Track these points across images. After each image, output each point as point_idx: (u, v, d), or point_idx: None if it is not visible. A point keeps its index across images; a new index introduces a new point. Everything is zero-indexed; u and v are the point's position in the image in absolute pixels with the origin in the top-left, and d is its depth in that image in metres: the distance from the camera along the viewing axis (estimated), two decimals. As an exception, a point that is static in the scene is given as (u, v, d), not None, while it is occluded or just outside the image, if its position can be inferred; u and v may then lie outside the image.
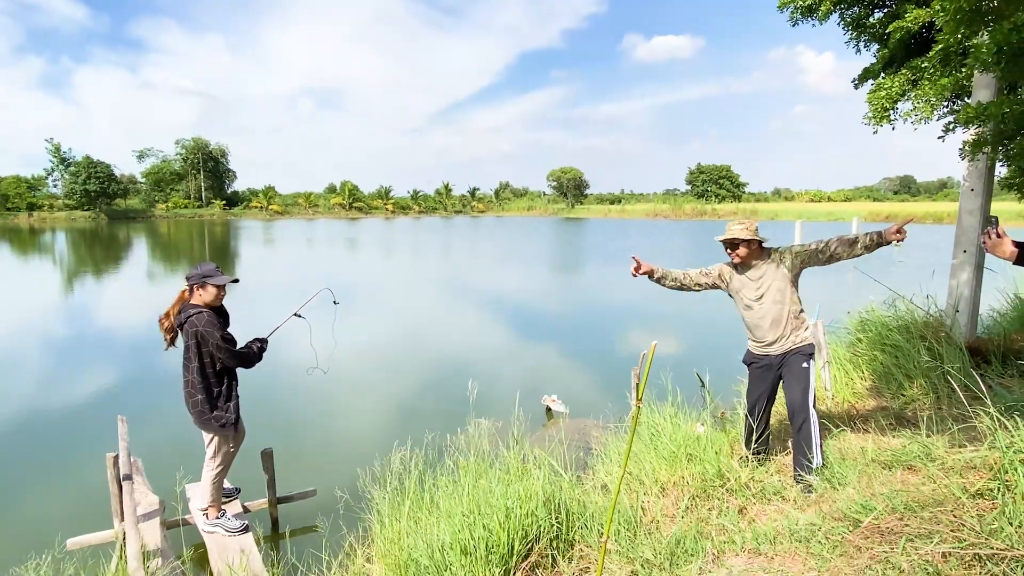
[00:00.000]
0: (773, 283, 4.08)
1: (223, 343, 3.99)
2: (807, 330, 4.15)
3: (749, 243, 4.11)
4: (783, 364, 4.18)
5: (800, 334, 4.14)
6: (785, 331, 4.11)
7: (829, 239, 4.03)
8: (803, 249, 4.08)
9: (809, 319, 4.38)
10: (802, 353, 4.10)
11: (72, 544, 4.06)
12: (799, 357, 4.10)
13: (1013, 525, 2.54)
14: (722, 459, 4.04)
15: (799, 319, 4.13)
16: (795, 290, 4.14)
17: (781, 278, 4.08)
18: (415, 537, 3.26)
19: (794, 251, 4.10)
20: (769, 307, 4.12)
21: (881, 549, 2.54)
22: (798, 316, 4.13)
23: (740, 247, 4.13)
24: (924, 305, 6.23)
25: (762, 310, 4.16)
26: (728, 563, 2.96)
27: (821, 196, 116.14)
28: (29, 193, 75.26)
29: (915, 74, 6.47)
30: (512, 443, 4.07)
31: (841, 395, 5.81)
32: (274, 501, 4.78)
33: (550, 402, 7.34)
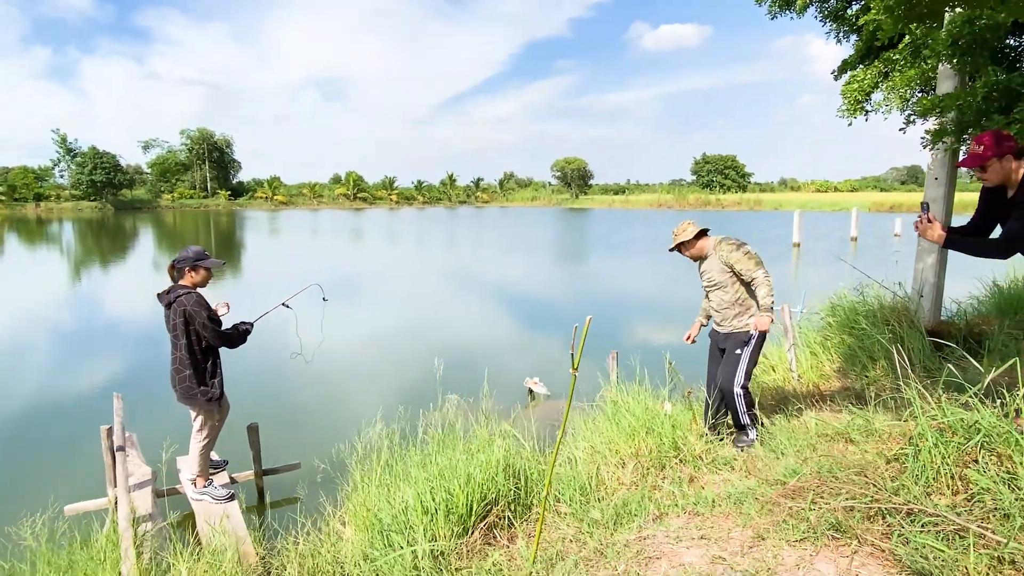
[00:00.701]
0: (714, 274, 4.46)
1: (209, 322, 4.25)
2: (751, 318, 4.39)
3: (684, 245, 4.52)
4: (724, 343, 4.51)
5: (743, 320, 4.41)
6: (727, 315, 4.45)
7: (755, 278, 4.29)
8: (740, 267, 4.33)
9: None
10: (739, 339, 4.39)
11: (69, 510, 4.34)
12: (735, 343, 4.42)
13: (919, 484, 2.79)
14: (678, 433, 4.28)
15: (742, 306, 4.40)
16: (737, 280, 4.39)
17: (719, 270, 4.43)
18: (383, 500, 3.51)
19: (732, 259, 4.35)
20: (714, 293, 4.51)
21: (796, 504, 2.78)
22: (740, 303, 4.40)
23: (682, 250, 4.54)
24: (893, 291, 6.44)
25: (711, 296, 4.54)
26: (667, 523, 3.20)
27: (827, 186, 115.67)
28: (36, 183, 75.77)
29: (887, 66, 6.65)
30: (482, 419, 4.31)
31: (807, 376, 6.03)
32: (260, 473, 5.06)
33: (532, 384, 7.60)
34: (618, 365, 6.16)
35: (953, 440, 2.83)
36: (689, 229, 4.51)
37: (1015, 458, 2.67)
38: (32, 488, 5.41)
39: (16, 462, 6.21)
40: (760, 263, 4.32)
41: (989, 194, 3.65)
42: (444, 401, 4.73)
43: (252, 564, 3.73)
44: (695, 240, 4.51)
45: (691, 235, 4.48)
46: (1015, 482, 2.61)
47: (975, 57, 5.01)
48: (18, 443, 6.77)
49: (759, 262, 4.31)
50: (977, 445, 2.82)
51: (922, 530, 2.45)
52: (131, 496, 4.33)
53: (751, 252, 4.35)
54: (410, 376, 9.00)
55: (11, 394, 8.34)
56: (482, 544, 3.29)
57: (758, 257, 4.34)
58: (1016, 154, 3.43)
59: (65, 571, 3.18)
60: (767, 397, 5.62)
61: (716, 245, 4.48)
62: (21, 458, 6.31)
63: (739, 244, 4.41)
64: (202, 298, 4.33)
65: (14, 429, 7.17)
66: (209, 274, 4.49)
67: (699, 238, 4.51)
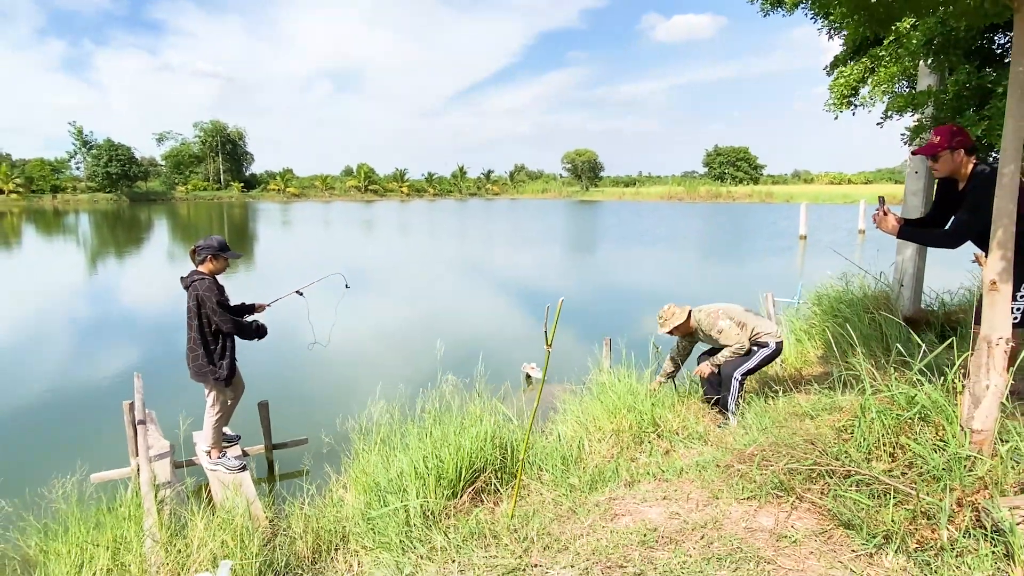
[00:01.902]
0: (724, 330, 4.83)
1: (217, 307, 4.58)
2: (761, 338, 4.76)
3: (673, 330, 4.96)
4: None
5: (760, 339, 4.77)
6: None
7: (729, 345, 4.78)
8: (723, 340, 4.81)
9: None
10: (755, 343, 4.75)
11: (95, 478, 4.72)
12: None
13: (862, 451, 3.08)
14: (657, 410, 4.58)
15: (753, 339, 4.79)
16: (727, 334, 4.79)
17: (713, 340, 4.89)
18: (380, 467, 3.85)
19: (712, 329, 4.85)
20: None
21: (746, 468, 3.08)
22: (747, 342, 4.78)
23: (675, 332, 5.00)
24: (877, 280, 6.69)
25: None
26: (637, 488, 3.51)
27: (841, 179, 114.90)
28: (53, 175, 76.82)
29: (873, 62, 6.87)
30: (476, 398, 4.64)
31: (790, 362, 6.31)
32: (270, 447, 5.42)
33: (529, 369, 7.92)
34: (611, 351, 6.48)
35: (893, 412, 3.12)
36: (678, 312, 4.92)
37: (947, 428, 2.96)
38: (59, 460, 5.79)
39: (44, 437, 6.63)
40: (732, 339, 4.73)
41: (943, 188, 3.92)
42: (443, 382, 5.07)
43: (262, 525, 4.08)
44: (687, 321, 4.91)
45: (683, 317, 4.89)
46: (945, 448, 2.90)
47: (949, 56, 5.24)
48: (46, 420, 7.19)
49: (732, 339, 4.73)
50: (915, 416, 3.10)
51: (856, 489, 2.74)
52: (152, 465, 4.71)
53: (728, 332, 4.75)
54: (414, 359, 9.36)
55: (40, 377, 8.79)
56: (470, 505, 3.61)
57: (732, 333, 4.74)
58: (968, 150, 3.70)
59: (93, 528, 3.52)
60: (750, 381, 5.90)
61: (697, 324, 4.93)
62: (49, 433, 6.73)
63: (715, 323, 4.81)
64: (215, 284, 4.66)
65: (42, 408, 7.60)
66: (227, 263, 4.82)
67: (689, 317, 4.92)
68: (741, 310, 4.95)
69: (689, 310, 4.95)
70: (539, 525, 3.00)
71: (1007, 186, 2.83)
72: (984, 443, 2.88)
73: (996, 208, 2.88)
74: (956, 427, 2.96)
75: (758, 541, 2.57)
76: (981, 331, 2.93)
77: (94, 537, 3.34)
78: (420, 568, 2.82)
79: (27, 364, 9.81)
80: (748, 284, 16.42)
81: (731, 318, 4.80)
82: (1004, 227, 2.86)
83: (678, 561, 2.47)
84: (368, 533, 3.40)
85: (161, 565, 3.08)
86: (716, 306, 4.93)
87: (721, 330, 4.77)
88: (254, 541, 3.25)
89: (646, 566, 2.47)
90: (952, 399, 3.12)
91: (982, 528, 2.46)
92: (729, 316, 4.80)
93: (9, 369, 9.51)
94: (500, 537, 2.93)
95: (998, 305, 2.88)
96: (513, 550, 2.75)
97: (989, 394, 2.88)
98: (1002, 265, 2.85)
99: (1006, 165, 2.82)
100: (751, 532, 2.65)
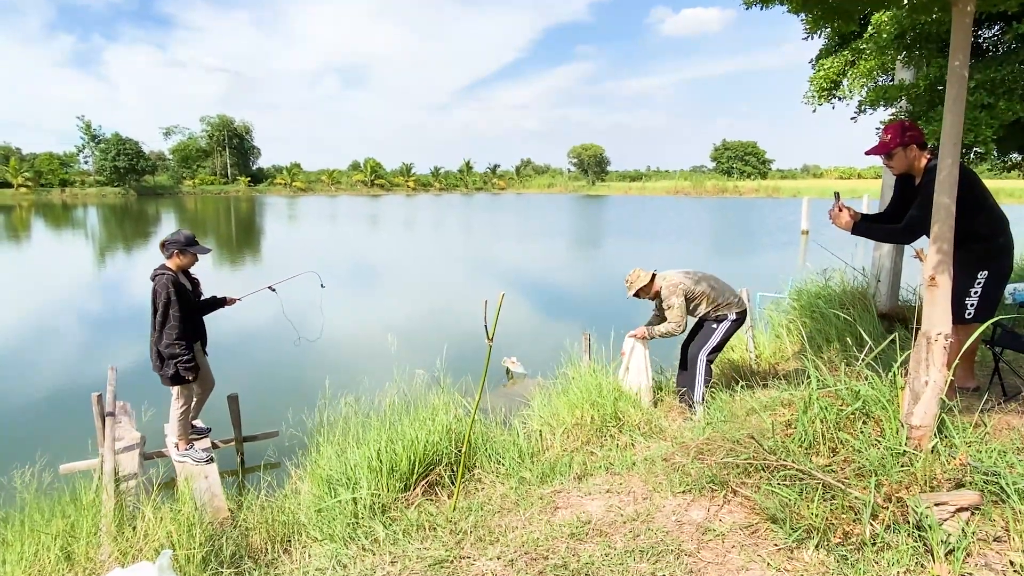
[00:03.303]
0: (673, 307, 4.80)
1: (163, 307, 4.54)
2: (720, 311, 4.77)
3: (640, 291, 4.93)
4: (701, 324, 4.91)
5: (719, 311, 4.78)
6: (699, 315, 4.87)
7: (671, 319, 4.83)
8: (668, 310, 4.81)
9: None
10: (714, 319, 4.74)
11: (64, 469, 4.77)
12: (712, 320, 4.77)
13: (802, 446, 3.08)
14: (619, 404, 4.59)
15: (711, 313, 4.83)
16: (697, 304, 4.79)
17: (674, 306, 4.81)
18: (336, 460, 3.88)
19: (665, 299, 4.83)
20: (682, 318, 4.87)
21: (686, 461, 3.10)
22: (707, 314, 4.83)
23: (640, 295, 4.95)
24: (861, 276, 6.66)
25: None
26: (586, 481, 3.53)
27: (851, 173, 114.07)
28: (61, 169, 77.40)
29: (854, 55, 6.81)
30: (440, 391, 4.66)
31: (765, 357, 6.30)
32: (239, 439, 5.47)
33: (510, 363, 7.94)
34: (591, 345, 6.47)
35: (834, 407, 3.11)
36: (643, 275, 4.90)
37: (885, 423, 2.96)
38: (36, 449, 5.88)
39: (25, 426, 6.71)
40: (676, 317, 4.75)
41: (901, 184, 3.90)
42: (412, 375, 5.11)
43: (223, 516, 4.13)
44: (651, 284, 4.88)
45: (647, 280, 4.86)
46: (882, 444, 2.90)
47: (922, 49, 5.20)
48: (31, 409, 7.28)
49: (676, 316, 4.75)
50: (857, 411, 3.10)
51: (787, 484, 2.74)
52: (119, 457, 4.77)
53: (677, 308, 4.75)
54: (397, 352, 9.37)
55: (28, 368, 8.90)
56: (422, 498, 3.64)
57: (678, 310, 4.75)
58: (920, 144, 3.68)
59: (49, 518, 3.57)
60: (723, 376, 5.90)
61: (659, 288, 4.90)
62: (31, 423, 6.81)
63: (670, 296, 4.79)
64: (172, 281, 4.60)
65: (26, 398, 7.69)
66: (195, 258, 4.84)
67: (653, 280, 4.89)
68: (703, 281, 4.89)
69: (653, 273, 4.92)
70: (478, 518, 3.02)
71: (945, 181, 2.82)
72: (923, 439, 2.87)
73: (935, 203, 2.87)
74: (896, 423, 2.97)
75: (684, 534, 2.58)
76: (921, 327, 2.93)
77: (47, 526, 3.39)
78: (358, 559, 2.85)
79: (19, 355, 9.93)
80: (745, 278, 16.38)
81: (687, 293, 4.77)
82: (942, 222, 2.85)
83: (601, 553, 2.49)
84: (317, 525, 3.43)
85: (108, 555, 3.12)
86: (677, 276, 4.86)
87: (671, 306, 4.77)
88: (202, 532, 3.28)
89: (569, 558, 2.49)
90: (896, 395, 3.12)
91: (908, 524, 2.46)
92: (686, 292, 4.76)
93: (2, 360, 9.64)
94: (438, 529, 2.96)
95: (937, 301, 2.87)
96: (446, 542, 2.77)
97: (928, 390, 2.87)
98: (939, 259, 2.84)
99: (944, 160, 2.81)
100: (679, 525, 2.66)
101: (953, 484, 2.70)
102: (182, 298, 4.57)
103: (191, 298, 4.73)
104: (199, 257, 4.90)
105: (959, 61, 2.74)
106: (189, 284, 4.88)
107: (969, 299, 3.70)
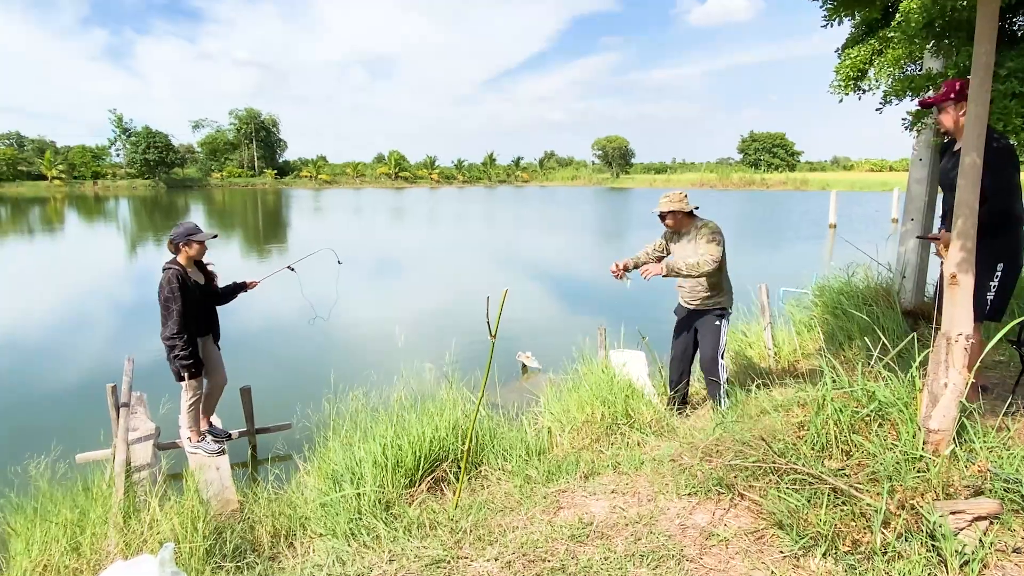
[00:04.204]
0: (688, 252, 4.53)
1: (164, 302, 4.55)
2: (723, 296, 4.59)
3: (674, 214, 4.56)
4: (697, 321, 4.67)
5: (715, 298, 4.59)
6: (698, 293, 4.60)
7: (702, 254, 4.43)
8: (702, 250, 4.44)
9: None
10: (713, 313, 4.56)
11: (80, 458, 4.85)
12: (711, 316, 4.58)
13: (815, 449, 2.98)
14: (631, 402, 4.51)
15: (716, 287, 4.57)
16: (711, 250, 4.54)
17: (692, 251, 4.51)
18: (341, 454, 3.87)
19: (707, 236, 4.46)
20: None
21: (694, 462, 3.02)
22: (714, 284, 4.56)
23: (667, 218, 4.62)
24: (882, 271, 6.47)
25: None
26: (593, 480, 3.47)
27: (883, 165, 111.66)
28: (94, 162, 79.01)
29: (882, 44, 6.59)
30: (448, 385, 4.63)
31: (784, 355, 6.15)
32: (252, 431, 5.50)
33: (524, 358, 7.88)
34: (607, 339, 6.39)
35: (848, 408, 3.01)
36: (686, 200, 4.56)
37: (901, 426, 2.84)
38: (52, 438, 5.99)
39: (46, 415, 6.84)
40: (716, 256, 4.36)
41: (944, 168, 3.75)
42: (424, 370, 5.09)
43: (233, 508, 4.15)
44: (688, 216, 4.57)
45: (688, 208, 4.52)
46: (897, 448, 2.79)
47: (951, 38, 5.00)
48: (51, 399, 7.42)
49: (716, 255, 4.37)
50: (873, 413, 2.99)
51: (796, 488, 2.65)
52: (133, 448, 4.82)
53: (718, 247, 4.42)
54: (412, 344, 9.39)
55: (57, 359, 9.08)
56: (427, 495, 3.61)
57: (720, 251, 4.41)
58: None
59: (59, 508, 3.61)
60: (740, 373, 5.78)
61: (699, 226, 4.59)
62: (50, 412, 6.94)
63: (715, 234, 4.47)
64: (175, 278, 4.57)
65: (52, 387, 7.85)
66: (203, 247, 4.84)
67: (691, 216, 4.60)
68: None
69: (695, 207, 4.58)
70: (479, 517, 2.98)
71: (968, 174, 2.69)
72: (940, 443, 2.76)
73: (957, 199, 2.75)
74: (914, 426, 2.85)
75: (687, 539, 2.51)
76: (941, 326, 2.81)
77: (57, 516, 3.43)
78: (356, 556, 2.83)
79: (48, 344, 10.14)
80: (767, 274, 16.07)
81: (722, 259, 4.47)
82: (965, 217, 2.72)
83: (601, 557, 2.43)
84: (321, 519, 3.42)
85: (114, 546, 3.15)
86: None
87: (713, 242, 4.40)
88: (206, 525, 3.29)
89: (568, 560, 2.43)
90: (915, 396, 3.00)
91: (922, 533, 2.36)
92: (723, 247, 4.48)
93: (26, 351, 9.85)
94: (438, 528, 2.92)
95: (958, 300, 2.75)
96: (444, 541, 2.73)
97: (947, 392, 2.76)
98: (962, 256, 2.72)
99: (968, 154, 2.68)
100: (683, 529, 2.59)
101: (971, 492, 2.59)
102: (185, 294, 4.58)
103: (196, 295, 4.71)
104: (206, 244, 4.88)
105: (984, 49, 2.60)
106: (203, 278, 4.89)
107: (989, 294, 3.56)
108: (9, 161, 71.81)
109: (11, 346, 10.03)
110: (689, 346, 4.84)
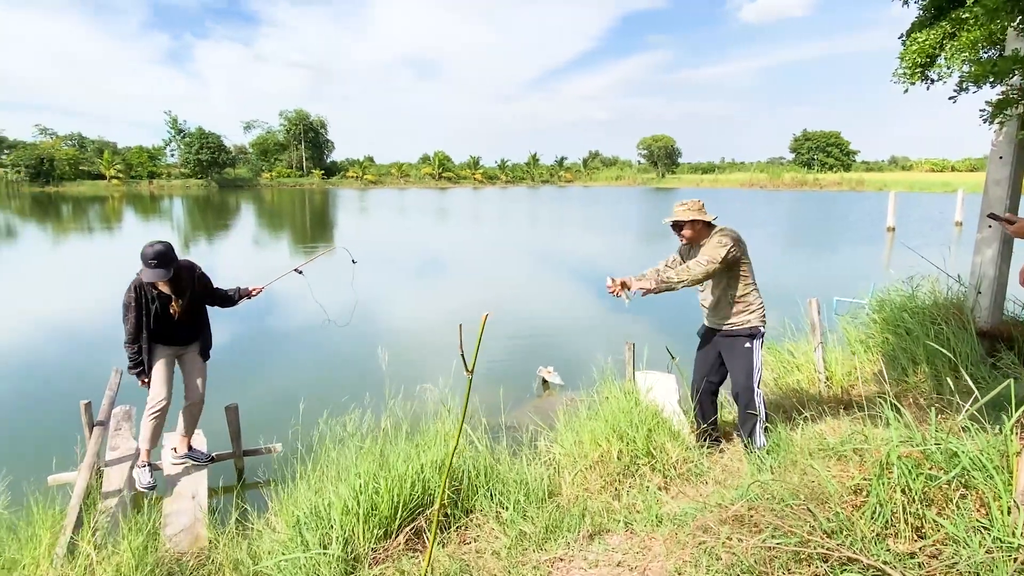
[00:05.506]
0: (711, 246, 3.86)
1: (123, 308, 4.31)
2: (753, 313, 3.93)
3: (692, 224, 3.96)
4: (724, 344, 4.03)
5: (743, 316, 3.94)
6: (723, 311, 3.96)
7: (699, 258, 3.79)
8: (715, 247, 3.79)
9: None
10: (741, 335, 3.91)
11: (52, 480, 4.48)
12: (740, 339, 3.93)
13: (878, 523, 2.34)
14: (654, 437, 3.90)
15: (742, 302, 3.92)
16: (737, 273, 3.90)
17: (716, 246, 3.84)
18: (311, 495, 3.38)
19: (715, 239, 3.83)
20: (709, 288, 4.01)
21: (711, 539, 2.40)
22: (740, 299, 3.92)
23: (685, 228, 4.02)
24: (952, 284, 5.66)
25: (705, 290, 4.06)
26: (598, 541, 2.89)
27: (944, 166, 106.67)
28: (150, 162, 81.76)
29: (954, 26, 5.79)
30: (444, 413, 4.10)
31: (837, 379, 5.42)
32: (239, 453, 5.08)
33: (546, 373, 7.28)
34: (635, 356, 5.75)
35: (921, 471, 2.36)
36: (705, 212, 3.99)
37: (992, 501, 2.19)
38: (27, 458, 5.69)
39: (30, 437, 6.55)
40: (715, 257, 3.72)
41: None
42: (421, 391, 4.58)
43: (201, 546, 3.71)
44: (707, 227, 3.97)
45: (708, 218, 3.93)
46: (989, 532, 2.13)
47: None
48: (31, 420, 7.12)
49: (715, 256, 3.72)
50: (953, 481, 2.33)
51: (852, 583, 2.03)
52: (107, 470, 4.45)
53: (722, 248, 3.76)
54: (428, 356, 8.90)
55: (56, 367, 8.94)
56: (403, 549, 3.09)
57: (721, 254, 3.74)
58: None
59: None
60: (784, 400, 5.09)
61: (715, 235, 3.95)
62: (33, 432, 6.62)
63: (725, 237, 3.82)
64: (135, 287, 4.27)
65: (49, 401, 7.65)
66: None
67: (710, 226, 3.99)
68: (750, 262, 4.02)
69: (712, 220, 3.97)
70: (450, 592, 2.44)
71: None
72: (1046, 528, 2.10)
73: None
74: (1009, 500, 2.19)
75: (702, 653, 1.91)
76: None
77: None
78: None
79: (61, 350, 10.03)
80: (819, 281, 15.07)
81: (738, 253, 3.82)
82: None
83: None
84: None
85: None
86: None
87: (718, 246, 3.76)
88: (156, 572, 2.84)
89: None
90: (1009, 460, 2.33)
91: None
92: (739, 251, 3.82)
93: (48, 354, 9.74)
94: (401, 604, 2.39)
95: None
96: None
97: (1057, 461, 2.09)
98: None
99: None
100: (699, 636, 1.99)
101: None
102: (139, 305, 4.28)
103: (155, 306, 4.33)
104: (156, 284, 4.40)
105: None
106: (169, 291, 4.42)
107: None
108: (71, 161, 74.88)
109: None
110: (711, 373, 4.20)
